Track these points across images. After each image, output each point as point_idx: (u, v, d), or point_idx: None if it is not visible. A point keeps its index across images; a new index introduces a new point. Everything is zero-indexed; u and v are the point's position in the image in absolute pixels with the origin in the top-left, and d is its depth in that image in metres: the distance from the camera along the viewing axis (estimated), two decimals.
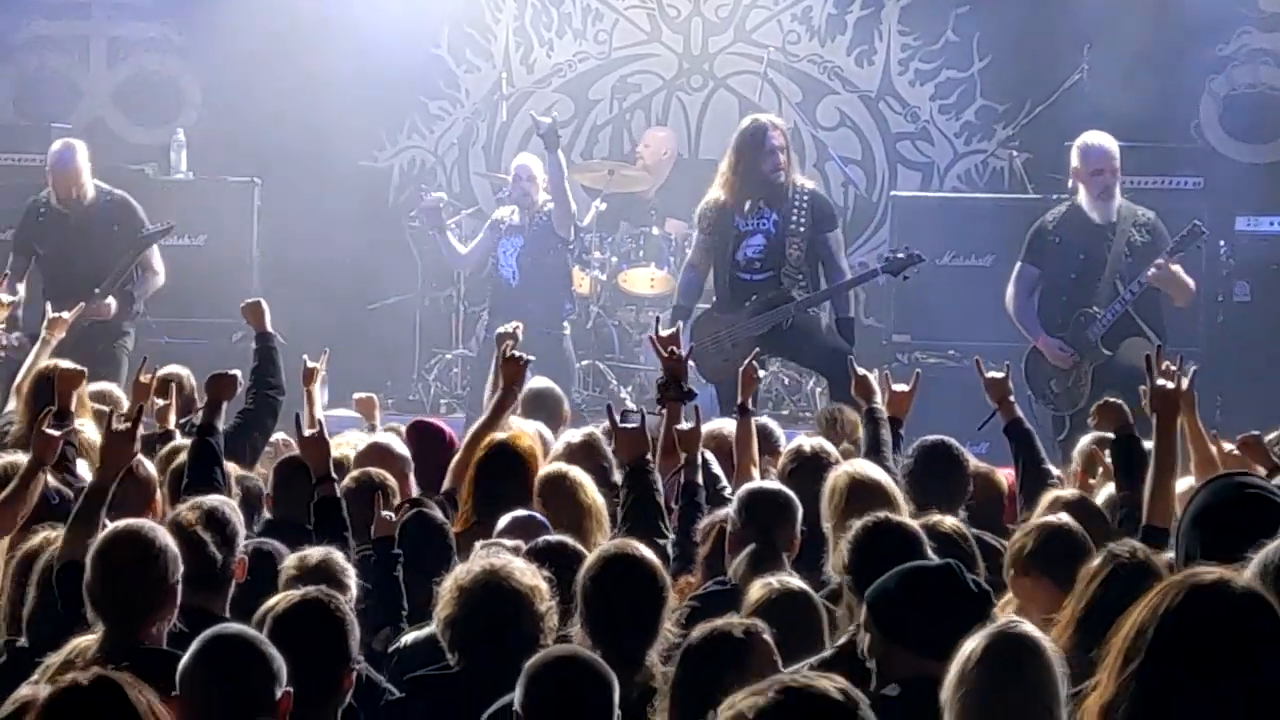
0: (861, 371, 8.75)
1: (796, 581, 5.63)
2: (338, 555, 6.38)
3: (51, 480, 6.94)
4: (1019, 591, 5.87)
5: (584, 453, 8.25)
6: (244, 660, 4.70)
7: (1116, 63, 14.57)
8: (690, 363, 9.86)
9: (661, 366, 8.19)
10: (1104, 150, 11.85)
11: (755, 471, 7.89)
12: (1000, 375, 8.34)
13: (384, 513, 7.00)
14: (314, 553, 6.29)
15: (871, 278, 12.47)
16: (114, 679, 4.21)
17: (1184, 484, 7.19)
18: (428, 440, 9.00)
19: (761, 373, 10.33)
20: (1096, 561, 5.45)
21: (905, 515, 6.43)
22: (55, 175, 12.60)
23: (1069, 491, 7.56)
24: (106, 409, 8.92)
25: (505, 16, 16.07)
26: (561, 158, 13.56)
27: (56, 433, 7.00)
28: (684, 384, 7.52)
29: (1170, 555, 5.53)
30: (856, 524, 5.75)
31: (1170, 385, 7.21)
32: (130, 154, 14.61)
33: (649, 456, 7.29)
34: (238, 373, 8.58)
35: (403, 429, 9.62)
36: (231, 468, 7.65)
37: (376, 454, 8.31)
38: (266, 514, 7.60)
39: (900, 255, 11.87)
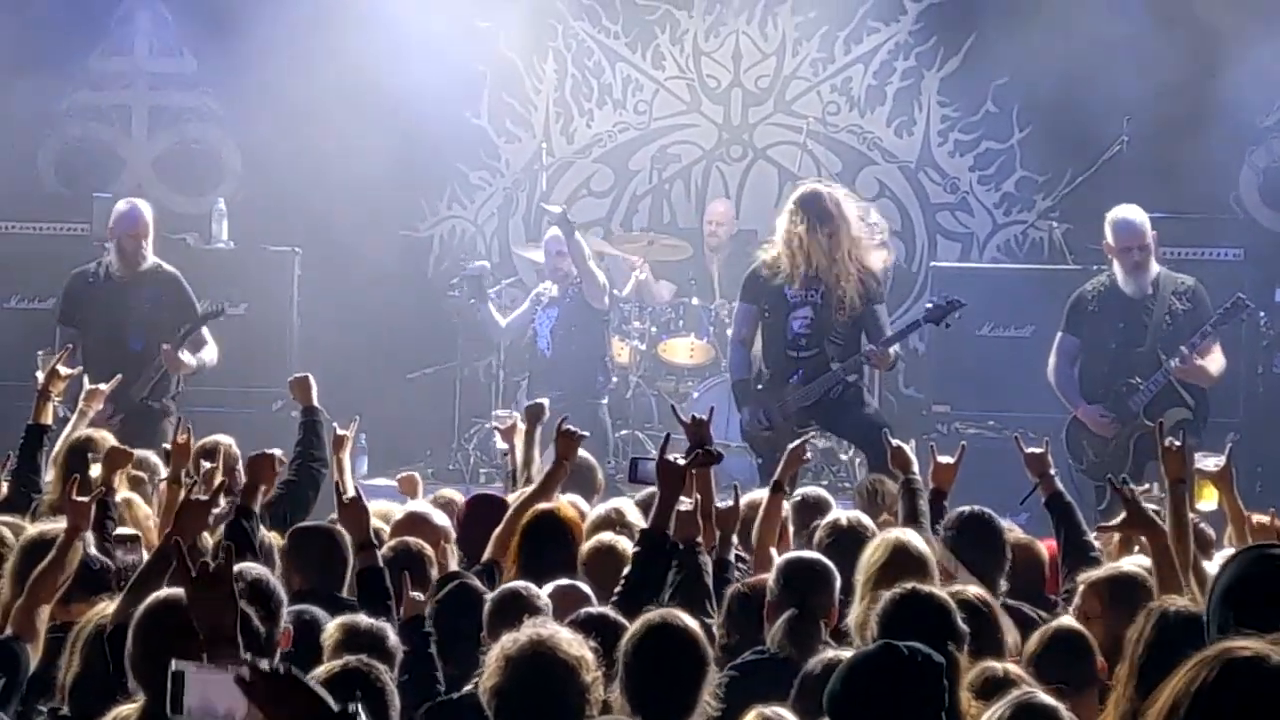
0: (897, 443, 8.77)
1: None
2: (382, 624, 6.38)
3: (92, 550, 6.97)
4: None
5: (614, 525, 8.30)
6: None
7: (1156, 134, 14.61)
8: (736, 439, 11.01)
9: (685, 434, 8.12)
10: (1131, 226, 11.88)
11: (773, 551, 7.90)
12: (1039, 450, 8.33)
13: (413, 594, 7.01)
14: (360, 621, 6.28)
15: (915, 329, 12.52)
16: None
17: (1224, 557, 7.16)
18: (489, 512, 8.82)
19: (808, 454, 10.36)
20: (1143, 621, 5.42)
21: (936, 585, 6.40)
22: (122, 233, 12.55)
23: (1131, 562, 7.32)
24: (144, 475, 9.11)
25: (545, 87, 16.19)
26: (580, 238, 13.79)
27: (85, 499, 7.02)
28: (709, 448, 7.51)
29: None
30: (885, 595, 5.75)
31: (1178, 444, 7.39)
32: (172, 223, 14.48)
33: (699, 539, 7.30)
34: (276, 452, 8.55)
35: (459, 497, 9.59)
36: (274, 538, 7.67)
37: (413, 523, 8.32)
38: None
39: (941, 303, 11.96)
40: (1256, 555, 5.30)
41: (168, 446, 9.12)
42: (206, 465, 8.76)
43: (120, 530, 8.02)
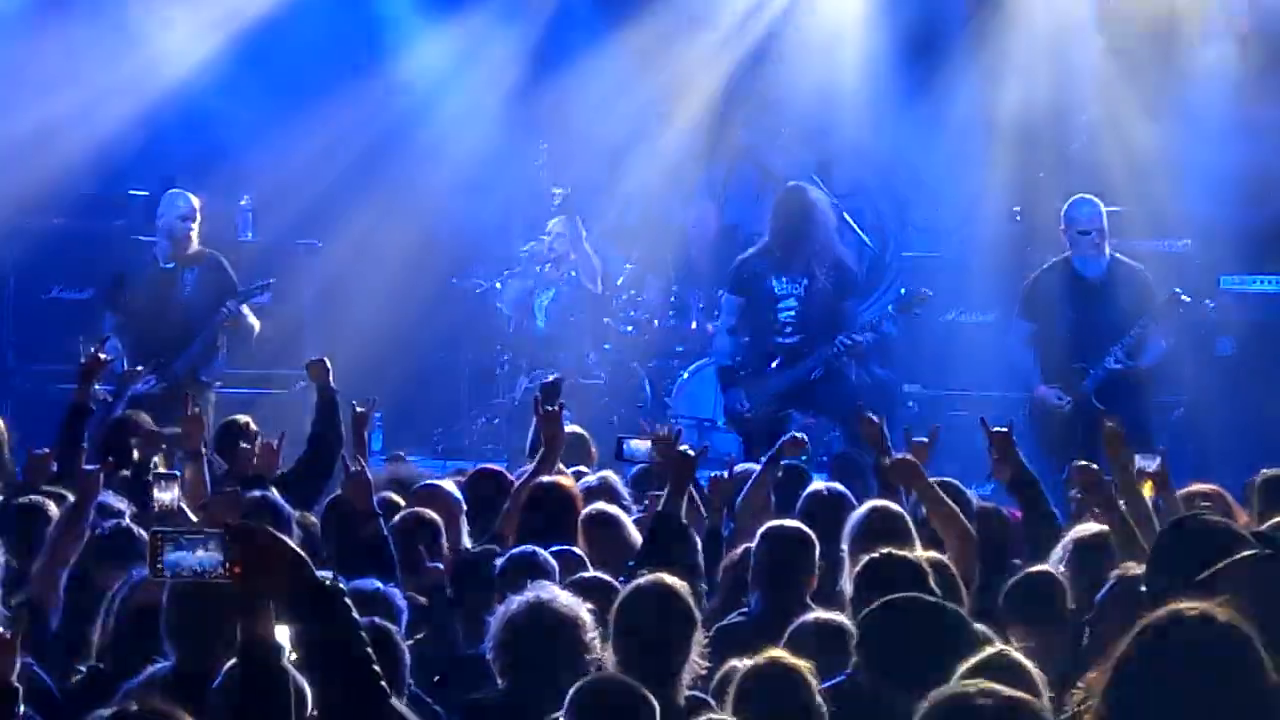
0: (869, 415, 8.85)
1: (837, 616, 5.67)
2: (391, 589, 6.37)
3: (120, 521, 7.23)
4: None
5: (603, 495, 8.40)
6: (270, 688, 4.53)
7: (1113, 133, 14.65)
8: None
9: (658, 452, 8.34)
10: (1091, 211, 11.98)
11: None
12: (1004, 430, 8.38)
13: (431, 564, 7.12)
14: (367, 585, 6.29)
15: (887, 317, 12.63)
16: (163, 711, 4.39)
17: None
18: (491, 483, 9.03)
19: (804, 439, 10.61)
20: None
21: (918, 550, 6.41)
22: (173, 218, 12.68)
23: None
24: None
25: (545, 93, 16.16)
26: (579, 222, 14.18)
27: (95, 467, 7.17)
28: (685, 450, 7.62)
29: None
30: (863, 558, 5.75)
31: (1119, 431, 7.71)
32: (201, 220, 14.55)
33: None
34: (273, 442, 8.95)
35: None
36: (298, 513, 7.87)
37: (428, 496, 8.39)
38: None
39: (907, 294, 12.27)
40: (1174, 526, 5.62)
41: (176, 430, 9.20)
42: (244, 446, 8.92)
43: (159, 470, 8.19)
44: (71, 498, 7.66)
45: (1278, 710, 4.00)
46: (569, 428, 10.19)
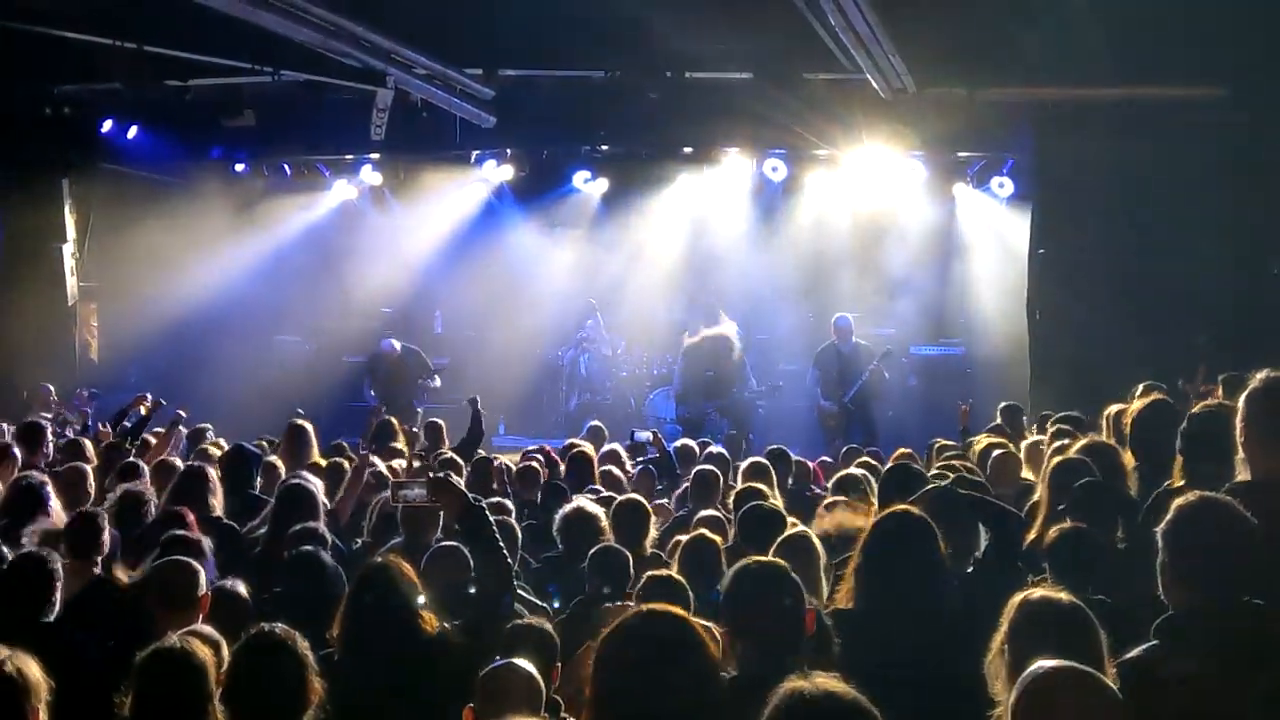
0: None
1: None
2: (507, 501, 7.99)
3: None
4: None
5: (610, 459, 10.56)
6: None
7: (860, 271, 18.82)
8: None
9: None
10: (845, 321, 16.65)
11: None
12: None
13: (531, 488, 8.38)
14: (495, 500, 7.69)
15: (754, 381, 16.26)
16: (397, 562, 5.53)
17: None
18: (543, 453, 11.09)
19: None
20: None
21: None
22: (388, 341, 17.18)
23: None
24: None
25: (586, 255, 20.01)
26: (601, 323, 17.60)
27: (366, 452, 8.96)
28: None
29: None
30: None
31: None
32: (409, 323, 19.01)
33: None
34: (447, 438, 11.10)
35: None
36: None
37: (527, 458, 10.45)
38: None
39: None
40: (890, 469, 6.95)
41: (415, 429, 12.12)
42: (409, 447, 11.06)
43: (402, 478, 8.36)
44: (354, 462, 9.37)
45: (939, 556, 5.06)
46: (592, 423, 13.91)
